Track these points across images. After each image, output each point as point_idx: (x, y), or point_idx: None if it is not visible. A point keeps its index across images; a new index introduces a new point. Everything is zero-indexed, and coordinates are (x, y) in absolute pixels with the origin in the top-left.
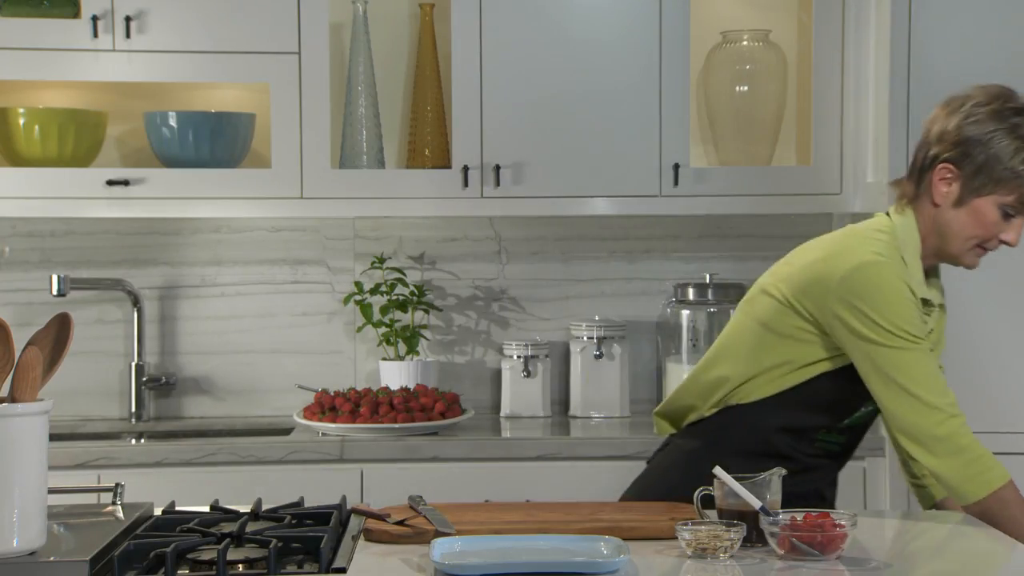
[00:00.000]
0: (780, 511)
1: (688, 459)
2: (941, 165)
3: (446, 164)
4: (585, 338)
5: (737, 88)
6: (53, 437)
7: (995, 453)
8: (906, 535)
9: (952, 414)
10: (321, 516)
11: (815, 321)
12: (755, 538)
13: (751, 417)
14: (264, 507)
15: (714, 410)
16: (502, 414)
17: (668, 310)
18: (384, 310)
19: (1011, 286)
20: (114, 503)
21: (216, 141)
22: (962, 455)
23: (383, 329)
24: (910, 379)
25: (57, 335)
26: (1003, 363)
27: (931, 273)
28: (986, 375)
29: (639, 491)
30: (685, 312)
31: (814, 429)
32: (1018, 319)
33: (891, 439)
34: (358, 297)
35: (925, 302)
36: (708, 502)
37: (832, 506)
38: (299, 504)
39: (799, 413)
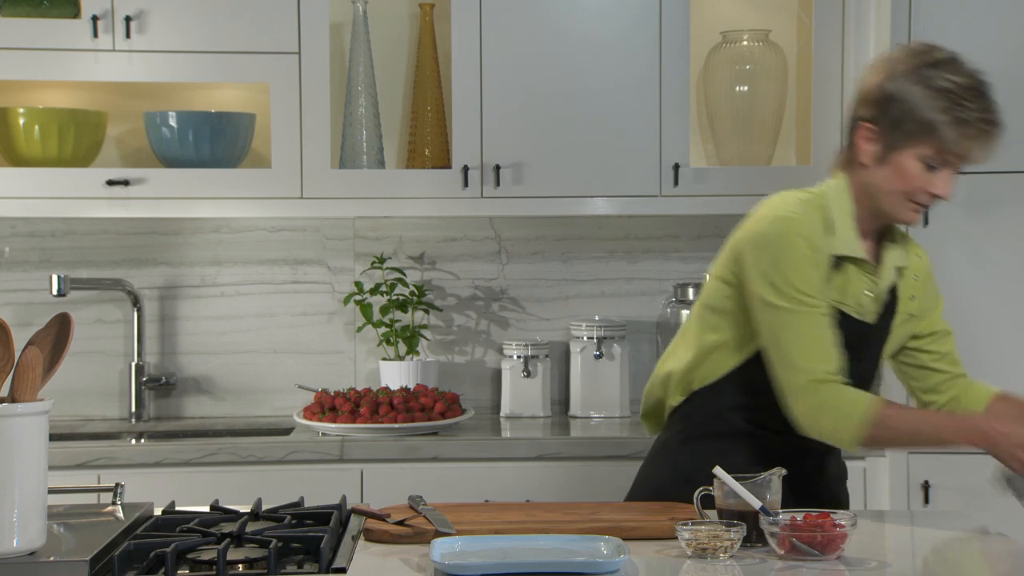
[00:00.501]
0: (780, 511)
1: (661, 449)
2: (863, 124)
3: (446, 164)
4: (585, 338)
5: (737, 88)
6: (53, 437)
7: None
8: (906, 535)
9: (819, 379)
10: (321, 516)
11: (742, 285)
12: (755, 538)
13: (711, 399)
14: (264, 507)
15: (681, 398)
16: (502, 414)
17: (668, 310)
18: (384, 310)
19: (1011, 286)
20: (114, 503)
21: (216, 141)
22: (821, 411)
23: (383, 329)
24: (787, 339)
25: (57, 335)
26: (1003, 363)
27: (892, 238)
28: (986, 375)
29: (631, 493)
30: (685, 312)
31: (773, 405)
32: (1018, 319)
33: None
34: (358, 297)
35: (858, 262)
36: (708, 502)
37: (827, 496)
38: (299, 504)
39: (753, 389)
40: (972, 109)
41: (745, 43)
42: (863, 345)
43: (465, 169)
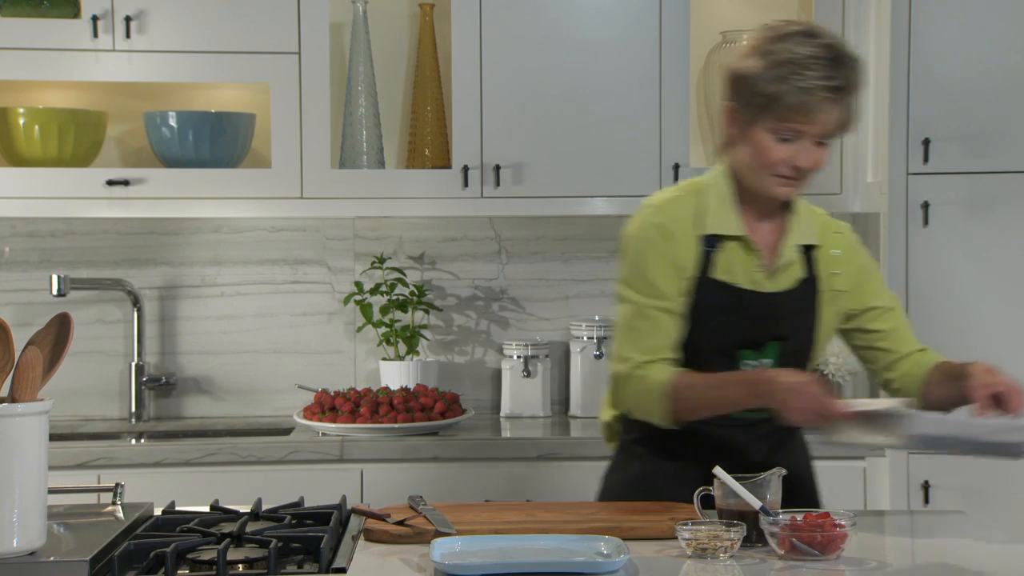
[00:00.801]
0: (780, 511)
1: (613, 462)
2: (724, 107)
3: (446, 164)
4: (585, 338)
5: None
6: (53, 437)
7: None
8: (906, 535)
9: (636, 366)
10: (321, 516)
11: None
12: (755, 538)
13: None
14: (264, 507)
15: (614, 411)
16: (502, 414)
17: None
18: (384, 310)
19: (1011, 286)
20: (114, 503)
21: (216, 141)
22: (637, 397)
23: (383, 329)
24: (622, 330)
25: (57, 335)
26: (1003, 363)
27: (796, 216)
28: None
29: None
30: None
31: None
32: (1018, 319)
33: None
34: (358, 297)
35: (741, 240)
36: (708, 502)
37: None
38: (299, 504)
39: None
40: (813, 76)
41: (745, 43)
42: (779, 319)
43: (465, 169)
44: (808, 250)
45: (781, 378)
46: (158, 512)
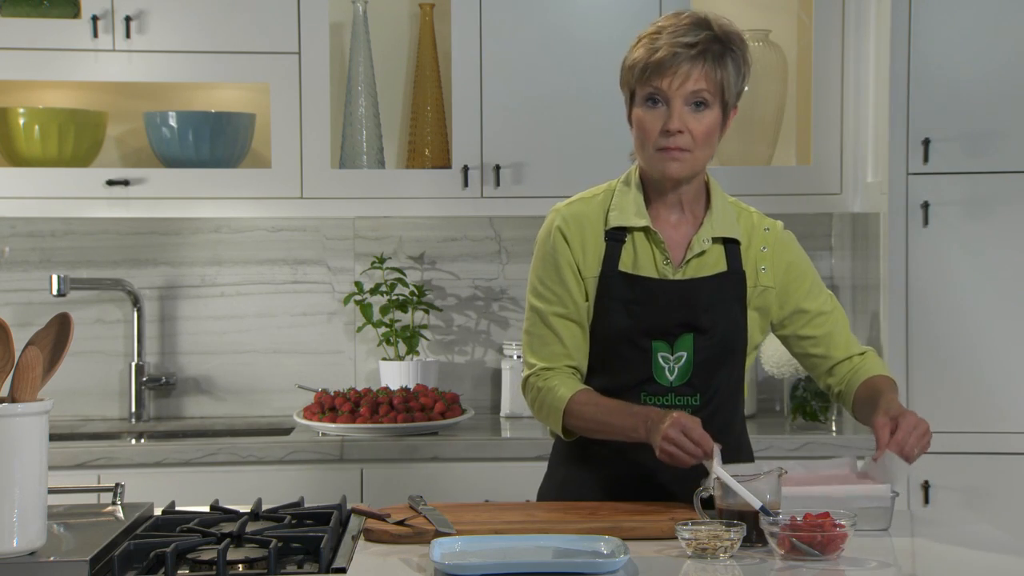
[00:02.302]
0: (780, 511)
1: (551, 452)
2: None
3: (446, 164)
4: None
5: None
6: (53, 437)
7: (994, 453)
8: (906, 535)
9: (536, 374)
10: (321, 516)
11: None
12: (755, 538)
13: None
14: (264, 507)
15: None
16: (502, 414)
17: None
18: (384, 310)
19: (1011, 286)
20: (114, 503)
21: (216, 141)
22: (538, 405)
23: (383, 329)
24: (526, 335)
25: (57, 335)
26: (1003, 363)
27: (713, 209)
28: (986, 375)
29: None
30: None
31: (625, 390)
32: (1018, 319)
33: None
34: (358, 297)
35: (646, 232)
36: (708, 502)
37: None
38: (299, 504)
39: (589, 378)
40: (666, 35)
41: None
42: (692, 310)
43: (465, 169)
44: (732, 245)
45: (666, 419)
46: (158, 512)
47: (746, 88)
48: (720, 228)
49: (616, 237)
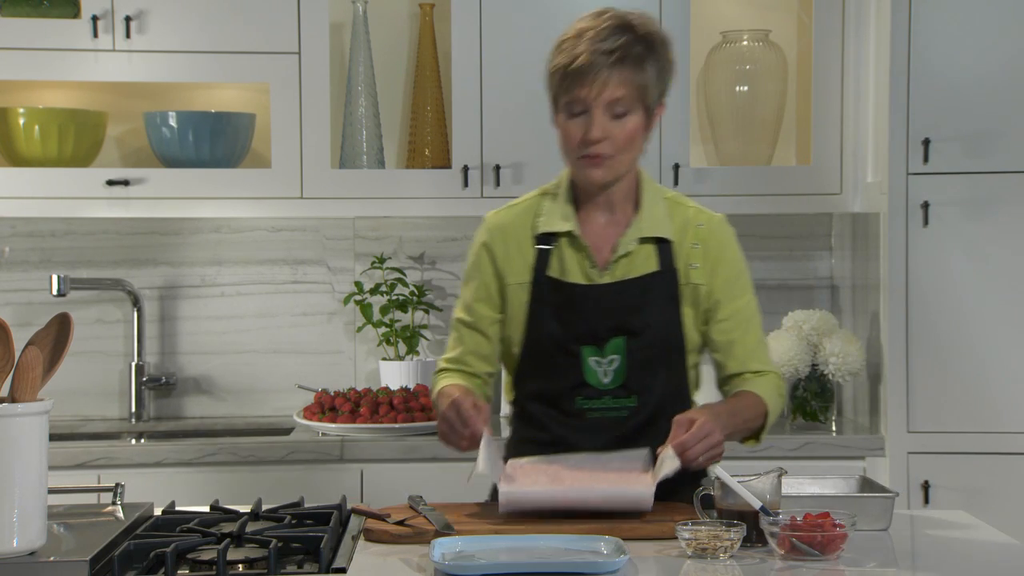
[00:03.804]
0: (780, 511)
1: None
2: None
3: (446, 164)
4: None
5: (737, 88)
6: (53, 437)
7: (994, 453)
8: (906, 535)
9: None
10: (321, 516)
11: None
12: (755, 538)
13: (516, 392)
14: (264, 507)
15: (509, 399)
16: (502, 414)
17: None
18: (384, 310)
19: (1011, 286)
20: (114, 503)
21: (216, 141)
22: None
23: (383, 329)
24: None
25: (57, 335)
26: (1003, 363)
27: (642, 209)
28: (986, 375)
29: None
30: None
31: (560, 395)
32: (1018, 319)
33: None
34: (358, 297)
35: (571, 236)
36: (708, 502)
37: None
38: (299, 504)
39: (526, 382)
40: (585, 42)
41: (745, 43)
42: (621, 314)
43: (465, 169)
44: (664, 244)
45: (448, 404)
46: (158, 512)
47: (670, 86)
48: (648, 228)
49: (545, 242)
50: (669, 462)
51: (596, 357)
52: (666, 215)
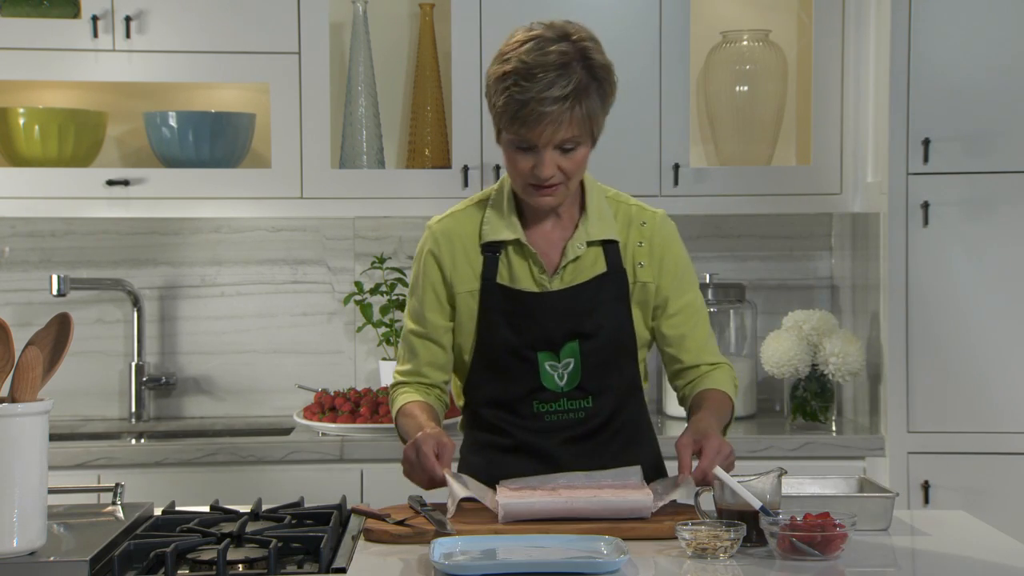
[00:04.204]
0: (780, 511)
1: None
2: None
3: (446, 164)
4: None
5: (737, 88)
6: (53, 437)
7: (994, 453)
8: (906, 535)
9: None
10: (321, 516)
11: None
12: (755, 538)
13: (468, 398)
14: (264, 507)
15: (461, 403)
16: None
17: None
18: (384, 310)
19: (1011, 286)
20: (114, 503)
21: (216, 141)
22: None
23: (383, 329)
24: None
25: (57, 335)
26: (1003, 363)
27: (588, 213)
28: (986, 375)
29: None
30: None
31: (516, 399)
32: (1018, 319)
33: None
34: (358, 297)
35: (517, 244)
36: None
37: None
38: (299, 504)
39: (479, 388)
40: (533, 88)
41: (745, 43)
42: (574, 318)
43: (465, 169)
44: (611, 244)
45: (416, 439)
46: (158, 512)
47: (612, 103)
48: (595, 231)
49: (492, 249)
50: (686, 489)
51: (552, 361)
52: (611, 215)
